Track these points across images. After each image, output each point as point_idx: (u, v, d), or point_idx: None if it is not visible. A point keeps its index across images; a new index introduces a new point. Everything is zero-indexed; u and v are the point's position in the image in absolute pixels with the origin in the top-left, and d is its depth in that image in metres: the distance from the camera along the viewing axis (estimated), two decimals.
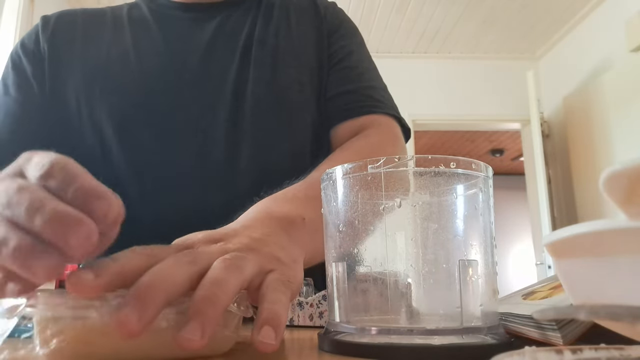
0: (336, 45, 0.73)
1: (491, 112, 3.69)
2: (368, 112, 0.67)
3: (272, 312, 0.28)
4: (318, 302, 0.50)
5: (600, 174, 0.20)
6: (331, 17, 0.76)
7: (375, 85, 0.72)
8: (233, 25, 0.71)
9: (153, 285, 0.25)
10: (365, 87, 0.70)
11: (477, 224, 0.32)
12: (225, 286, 0.27)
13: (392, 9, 3.24)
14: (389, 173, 0.32)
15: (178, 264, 0.28)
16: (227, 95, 0.65)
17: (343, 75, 0.71)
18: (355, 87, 0.70)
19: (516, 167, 6.00)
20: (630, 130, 2.75)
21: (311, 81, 0.70)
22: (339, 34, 0.74)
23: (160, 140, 0.64)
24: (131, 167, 0.64)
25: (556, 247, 0.24)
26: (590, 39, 3.22)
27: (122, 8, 0.73)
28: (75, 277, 0.25)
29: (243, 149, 0.65)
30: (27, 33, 0.70)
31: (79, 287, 0.25)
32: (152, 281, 0.25)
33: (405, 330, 0.29)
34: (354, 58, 0.73)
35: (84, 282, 0.25)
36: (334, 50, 0.73)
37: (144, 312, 0.24)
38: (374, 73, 0.75)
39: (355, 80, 0.70)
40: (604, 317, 0.17)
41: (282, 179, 0.59)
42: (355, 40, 0.76)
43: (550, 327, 0.29)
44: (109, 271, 0.26)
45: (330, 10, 0.77)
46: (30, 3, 2.48)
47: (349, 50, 0.73)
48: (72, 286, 0.25)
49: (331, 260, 0.34)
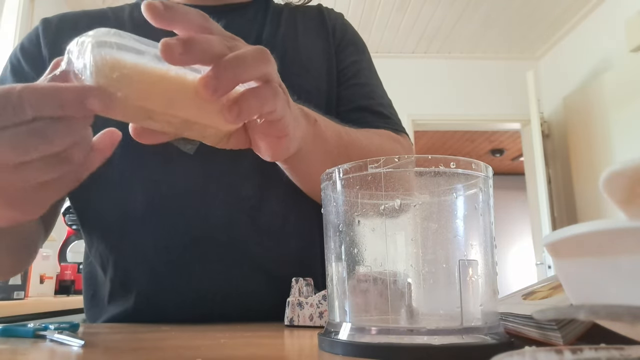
0: (347, 61, 0.74)
1: (491, 112, 3.69)
2: (380, 129, 0.69)
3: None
4: (318, 302, 0.50)
5: (600, 174, 0.20)
6: (340, 31, 0.76)
7: (384, 103, 0.74)
8: (238, 30, 0.69)
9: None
10: (377, 104, 0.72)
11: (477, 224, 0.32)
12: (249, 67, 0.33)
13: (392, 9, 3.24)
14: (389, 173, 0.32)
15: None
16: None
17: (354, 92, 0.72)
18: (368, 104, 0.72)
19: (516, 167, 6.00)
20: (630, 130, 2.75)
21: (319, 91, 0.70)
22: (349, 50, 0.75)
23: (162, 145, 0.64)
24: (133, 170, 0.63)
25: (556, 247, 0.24)
26: (590, 39, 3.22)
27: (123, 10, 0.72)
28: (167, 44, 0.30)
29: (247, 155, 0.65)
30: (27, 36, 0.68)
31: (168, 54, 0.30)
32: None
33: (405, 330, 0.29)
34: (364, 74, 0.75)
35: (174, 52, 0.30)
36: (345, 65, 0.74)
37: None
38: (382, 89, 0.77)
39: (366, 97, 0.72)
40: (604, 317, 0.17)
41: (286, 188, 0.59)
42: (364, 57, 0.77)
43: (550, 327, 0.29)
44: (196, 48, 0.31)
45: (340, 23, 0.78)
46: (30, 3, 2.48)
47: (359, 67, 0.75)
48: (163, 52, 0.30)
49: (331, 260, 0.34)
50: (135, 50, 0.31)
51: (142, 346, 0.37)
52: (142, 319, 0.60)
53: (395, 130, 0.70)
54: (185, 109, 0.33)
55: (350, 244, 0.33)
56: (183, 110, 0.33)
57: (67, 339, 0.37)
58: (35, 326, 0.41)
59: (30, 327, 0.41)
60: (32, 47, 0.66)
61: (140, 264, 0.61)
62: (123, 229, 0.62)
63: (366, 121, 0.69)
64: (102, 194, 0.62)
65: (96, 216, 0.64)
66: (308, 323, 0.50)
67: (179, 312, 0.60)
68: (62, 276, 1.91)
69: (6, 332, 0.42)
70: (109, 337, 0.44)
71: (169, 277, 0.60)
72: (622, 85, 2.82)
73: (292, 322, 0.51)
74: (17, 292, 1.55)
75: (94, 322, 0.65)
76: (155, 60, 0.31)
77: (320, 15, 0.77)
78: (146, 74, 0.31)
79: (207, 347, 0.35)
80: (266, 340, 0.40)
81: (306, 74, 0.69)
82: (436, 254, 0.31)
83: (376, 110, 0.71)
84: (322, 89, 0.70)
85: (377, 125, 0.69)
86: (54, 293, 1.82)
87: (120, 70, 0.29)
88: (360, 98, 0.72)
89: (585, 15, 3.24)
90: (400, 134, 0.71)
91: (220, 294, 0.60)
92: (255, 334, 0.44)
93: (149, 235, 0.61)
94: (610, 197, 0.20)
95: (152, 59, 0.31)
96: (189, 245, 0.60)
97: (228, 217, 0.62)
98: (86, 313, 0.68)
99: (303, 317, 0.50)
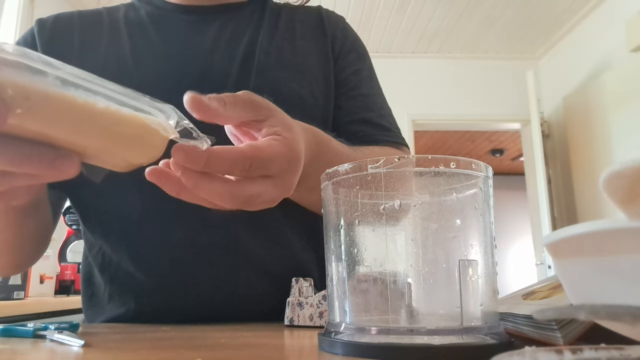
0: (348, 71, 0.73)
1: (491, 112, 3.69)
2: (381, 142, 0.69)
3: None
4: (318, 302, 0.50)
5: (600, 174, 0.20)
6: (341, 37, 0.75)
7: (384, 114, 0.74)
8: (234, 30, 0.69)
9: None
10: (377, 115, 0.72)
11: (477, 224, 0.32)
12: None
13: (392, 9, 3.24)
14: (389, 173, 0.32)
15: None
16: None
17: (355, 104, 0.72)
18: (369, 116, 0.72)
19: (516, 167, 6.00)
20: (630, 130, 2.75)
21: (314, 97, 0.69)
22: (350, 58, 0.74)
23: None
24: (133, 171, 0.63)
25: (556, 247, 0.24)
26: (590, 39, 3.22)
27: (118, 10, 0.71)
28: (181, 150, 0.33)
29: None
30: (22, 36, 0.68)
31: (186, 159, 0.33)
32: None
33: (405, 330, 0.29)
34: (365, 84, 0.74)
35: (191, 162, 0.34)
36: (346, 75, 0.73)
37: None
38: (382, 98, 0.77)
39: (368, 109, 0.72)
40: (604, 317, 0.17)
41: None
42: (365, 65, 0.77)
43: (550, 327, 0.29)
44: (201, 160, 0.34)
45: (340, 29, 0.76)
46: (30, 3, 2.47)
47: (360, 77, 0.74)
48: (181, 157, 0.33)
49: (331, 260, 0.34)
50: (38, 70, 0.27)
51: (142, 346, 0.37)
52: (142, 320, 0.60)
53: (395, 144, 0.71)
54: (90, 138, 0.30)
55: (350, 244, 0.33)
56: (87, 138, 0.30)
57: (67, 339, 0.37)
58: (35, 326, 0.41)
59: (30, 327, 0.41)
60: (27, 48, 0.66)
61: (140, 265, 0.61)
62: (123, 230, 0.62)
63: (367, 134, 0.70)
64: (101, 194, 0.62)
65: (96, 217, 0.64)
66: (308, 323, 0.50)
67: (178, 312, 0.60)
68: (62, 276, 1.91)
69: (6, 332, 0.42)
70: (109, 337, 0.44)
71: (169, 278, 0.60)
72: (622, 85, 2.82)
73: (292, 322, 0.51)
74: (17, 292, 1.55)
75: (92, 322, 0.65)
76: (58, 84, 0.28)
77: (319, 19, 0.76)
78: (49, 97, 0.27)
79: (207, 347, 0.35)
80: (266, 340, 0.40)
81: (301, 78, 0.69)
82: (436, 254, 0.31)
83: (377, 123, 0.71)
84: (317, 94, 0.69)
85: (378, 138, 0.69)
86: (54, 293, 1.82)
87: (14, 90, 0.26)
88: (361, 110, 0.72)
89: (585, 15, 3.24)
90: (400, 147, 0.71)
91: (220, 294, 0.60)
92: (255, 334, 0.44)
93: (148, 235, 0.61)
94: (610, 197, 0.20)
95: (55, 81, 0.28)
96: (189, 246, 0.60)
97: (227, 217, 0.62)
98: (85, 313, 0.68)
99: (303, 317, 0.50)
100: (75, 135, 0.29)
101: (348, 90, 0.72)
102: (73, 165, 0.30)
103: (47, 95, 0.27)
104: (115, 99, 0.30)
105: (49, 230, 0.67)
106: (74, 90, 0.28)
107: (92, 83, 0.29)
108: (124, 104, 0.30)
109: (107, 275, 0.63)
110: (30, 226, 0.59)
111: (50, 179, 0.31)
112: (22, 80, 0.26)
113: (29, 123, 0.27)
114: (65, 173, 0.30)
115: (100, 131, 0.30)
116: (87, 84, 0.29)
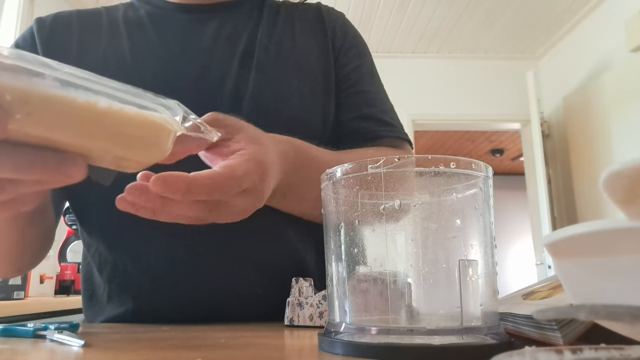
0: (349, 67, 0.73)
1: (491, 112, 3.69)
2: (383, 137, 0.69)
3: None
4: (318, 302, 0.50)
5: (600, 174, 0.20)
6: (341, 33, 0.75)
7: (386, 109, 0.73)
8: (232, 28, 0.69)
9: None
10: (379, 111, 0.72)
11: (477, 224, 0.32)
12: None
13: (392, 9, 3.24)
14: (389, 173, 0.32)
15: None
16: (225, 100, 0.64)
17: (356, 100, 0.72)
18: (371, 112, 0.71)
19: (516, 167, 6.00)
20: (630, 130, 2.75)
21: (314, 93, 0.69)
22: (351, 54, 0.74)
23: None
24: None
25: (556, 247, 0.24)
26: (590, 39, 3.22)
27: (117, 9, 0.71)
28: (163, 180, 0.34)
29: None
30: (21, 35, 0.68)
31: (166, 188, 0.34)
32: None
33: (405, 330, 0.29)
34: (366, 81, 0.74)
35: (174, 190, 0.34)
36: (347, 72, 0.73)
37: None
38: (383, 93, 0.76)
39: (370, 105, 0.72)
40: (604, 317, 0.17)
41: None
42: (366, 60, 0.76)
43: (550, 327, 0.29)
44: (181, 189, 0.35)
45: (340, 25, 0.76)
46: (30, 3, 2.47)
47: (361, 73, 0.74)
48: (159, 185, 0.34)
49: (331, 260, 0.34)
50: (35, 72, 0.27)
51: (142, 346, 0.37)
52: (141, 320, 0.60)
53: (397, 139, 0.70)
54: (94, 139, 0.29)
55: (350, 244, 0.33)
56: (90, 141, 0.29)
57: (67, 339, 0.37)
58: (35, 326, 0.41)
59: (30, 327, 0.41)
60: (27, 47, 0.66)
61: (139, 265, 0.61)
62: (121, 230, 0.62)
63: (370, 130, 0.69)
64: (100, 194, 0.62)
65: (94, 216, 0.64)
66: (308, 323, 0.50)
67: (178, 312, 0.60)
68: (62, 276, 1.91)
69: (6, 332, 0.42)
70: (109, 337, 0.44)
71: (168, 278, 0.60)
72: (622, 85, 2.82)
73: (292, 322, 0.51)
74: (17, 292, 1.55)
75: (92, 322, 0.65)
76: (57, 85, 0.27)
77: (319, 15, 0.75)
78: (49, 99, 0.27)
79: (207, 347, 0.35)
80: (266, 340, 0.40)
81: (301, 75, 0.69)
82: (436, 254, 0.31)
83: (379, 118, 0.71)
84: (317, 91, 0.69)
85: (380, 133, 0.69)
86: (54, 293, 1.82)
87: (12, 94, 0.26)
88: (363, 106, 0.71)
89: (585, 15, 3.23)
90: (403, 143, 0.71)
91: (220, 294, 0.60)
92: (255, 334, 0.44)
93: (147, 235, 0.61)
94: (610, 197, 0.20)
95: (54, 82, 0.27)
96: (188, 246, 0.60)
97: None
98: (85, 313, 0.68)
99: (303, 317, 0.50)
100: (78, 138, 0.29)
101: (349, 86, 0.72)
102: (79, 169, 0.30)
103: (46, 97, 0.26)
104: (117, 97, 0.29)
105: (51, 233, 0.67)
106: (74, 90, 0.27)
107: (92, 82, 0.28)
108: (127, 102, 0.30)
109: (105, 275, 0.63)
110: (34, 231, 0.59)
111: (56, 184, 0.30)
112: (19, 84, 0.26)
113: (30, 128, 0.27)
114: (71, 177, 0.29)
115: (104, 132, 0.29)
116: (87, 83, 0.28)
